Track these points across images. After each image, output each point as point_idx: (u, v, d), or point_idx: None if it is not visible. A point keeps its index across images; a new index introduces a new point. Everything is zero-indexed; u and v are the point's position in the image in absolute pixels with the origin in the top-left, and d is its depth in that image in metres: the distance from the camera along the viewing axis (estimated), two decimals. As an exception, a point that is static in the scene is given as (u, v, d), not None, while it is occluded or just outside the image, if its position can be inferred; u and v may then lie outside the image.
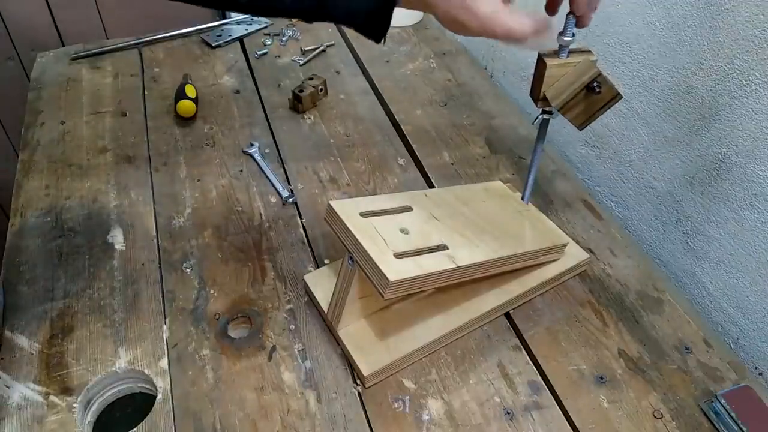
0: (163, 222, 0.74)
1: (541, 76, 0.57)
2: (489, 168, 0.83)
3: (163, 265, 0.69)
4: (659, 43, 0.69)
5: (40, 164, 0.82)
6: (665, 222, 0.75)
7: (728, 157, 0.63)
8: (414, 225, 0.58)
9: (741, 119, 0.61)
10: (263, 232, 0.73)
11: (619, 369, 0.60)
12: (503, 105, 0.94)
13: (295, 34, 1.08)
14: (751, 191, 0.62)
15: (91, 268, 0.69)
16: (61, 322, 0.63)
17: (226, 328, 0.63)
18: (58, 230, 0.73)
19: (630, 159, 0.78)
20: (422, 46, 1.07)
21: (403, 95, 0.95)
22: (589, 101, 0.57)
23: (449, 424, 0.55)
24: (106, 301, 0.65)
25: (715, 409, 0.56)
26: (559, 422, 0.56)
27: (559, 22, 0.55)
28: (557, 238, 0.67)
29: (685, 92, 0.67)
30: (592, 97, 0.57)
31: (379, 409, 0.56)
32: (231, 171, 0.81)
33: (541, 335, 0.63)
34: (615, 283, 0.68)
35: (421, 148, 0.86)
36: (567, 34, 0.55)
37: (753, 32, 0.57)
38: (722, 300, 0.69)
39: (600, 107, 0.57)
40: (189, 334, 0.62)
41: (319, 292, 0.64)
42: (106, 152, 0.84)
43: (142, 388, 0.61)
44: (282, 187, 0.78)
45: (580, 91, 0.56)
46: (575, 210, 0.77)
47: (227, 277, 0.68)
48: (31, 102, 0.94)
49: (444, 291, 0.63)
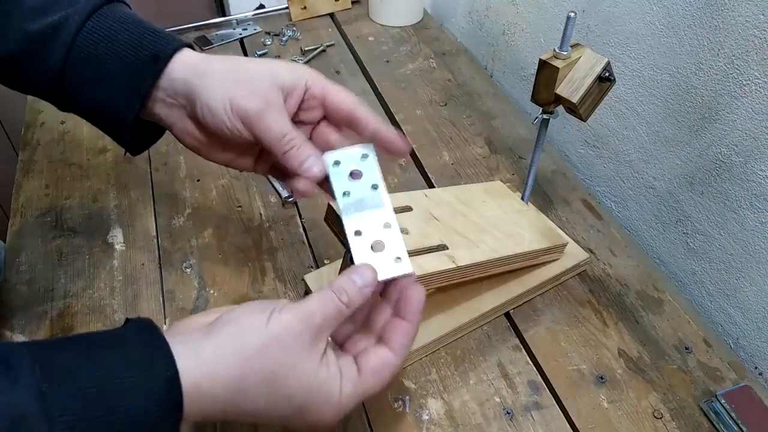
0: (163, 222, 0.74)
1: (552, 80, 0.57)
2: (489, 168, 0.83)
3: (163, 265, 0.69)
4: (659, 43, 0.69)
5: (40, 164, 0.82)
6: (665, 222, 0.75)
7: (728, 157, 0.63)
8: (414, 225, 0.58)
9: (741, 119, 0.61)
10: (263, 232, 0.73)
11: (619, 369, 0.60)
12: (503, 105, 0.94)
13: (295, 34, 1.08)
14: (751, 191, 0.62)
15: (91, 268, 0.69)
16: (61, 322, 0.63)
17: (226, 328, 0.63)
18: (58, 230, 0.73)
19: (630, 159, 0.78)
20: (422, 46, 1.07)
21: (403, 95, 0.95)
22: (599, 90, 0.58)
23: (449, 424, 0.55)
24: (106, 301, 0.65)
25: (715, 409, 0.56)
26: (559, 422, 0.56)
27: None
28: (557, 238, 0.67)
29: (685, 92, 0.67)
30: (601, 85, 0.57)
31: (379, 408, 0.56)
32: (231, 171, 0.81)
33: (541, 335, 0.63)
34: (615, 283, 0.68)
35: (421, 148, 0.86)
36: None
37: (753, 32, 0.57)
38: (722, 300, 0.69)
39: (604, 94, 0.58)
40: (189, 334, 0.62)
41: (319, 292, 0.64)
42: (106, 152, 0.84)
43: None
44: (282, 187, 0.78)
45: (594, 82, 0.56)
46: (575, 210, 0.77)
47: (227, 277, 0.68)
48: (31, 102, 0.94)
49: (444, 291, 0.63)
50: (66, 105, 0.51)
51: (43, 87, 0.49)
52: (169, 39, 0.48)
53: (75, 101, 0.50)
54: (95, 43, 0.47)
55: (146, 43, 0.47)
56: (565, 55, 0.56)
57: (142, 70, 0.47)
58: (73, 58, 0.47)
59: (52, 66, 0.47)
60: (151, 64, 0.47)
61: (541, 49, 0.90)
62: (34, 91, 0.50)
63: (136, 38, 0.48)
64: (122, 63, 0.47)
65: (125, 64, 0.47)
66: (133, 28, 0.48)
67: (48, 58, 0.47)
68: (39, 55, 0.47)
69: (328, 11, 1.15)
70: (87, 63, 0.47)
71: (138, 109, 0.49)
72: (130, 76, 0.48)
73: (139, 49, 0.47)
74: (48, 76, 0.48)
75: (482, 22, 1.06)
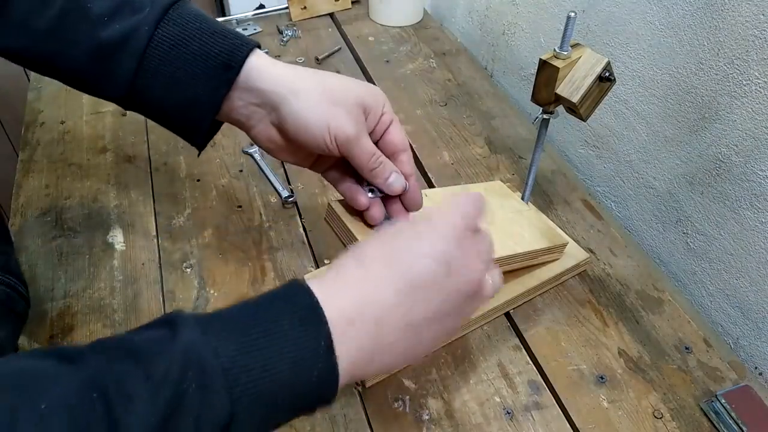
0: (163, 222, 0.74)
1: (552, 80, 0.57)
2: (489, 168, 0.83)
3: (163, 265, 0.69)
4: (659, 43, 0.69)
5: (40, 164, 0.82)
6: (665, 222, 0.75)
7: (728, 157, 0.63)
8: (414, 225, 0.58)
9: (741, 119, 0.61)
10: (263, 232, 0.73)
11: (619, 369, 0.60)
12: (503, 105, 0.94)
13: (296, 33, 1.08)
14: (751, 191, 0.62)
15: (91, 268, 0.69)
16: (61, 322, 0.63)
17: (226, 328, 0.63)
18: (58, 230, 0.73)
19: (630, 159, 0.78)
20: (422, 46, 1.07)
21: (403, 95, 0.95)
22: (599, 90, 0.58)
23: (449, 424, 0.55)
24: (106, 301, 0.65)
25: (715, 408, 0.56)
26: (559, 422, 0.56)
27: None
28: (557, 238, 0.67)
29: (685, 92, 0.67)
30: (602, 85, 0.57)
31: (379, 408, 0.56)
32: (231, 171, 0.81)
33: (541, 335, 0.63)
34: (615, 282, 0.68)
35: (421, 148, 0.86)
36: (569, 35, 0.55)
37: (753, 32, 0.57)
38: (722, 300, 0.69)
39: (604, 93, 0.58)
40: (189, 334, 0.62)
41: (319, 292, 0.64)
42: (106, 152, 0.84)
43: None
44: (282, 187, 0.78)
45: (594, 82, 0.56)
46: (575, 210, 0.77)
47: (227, 277, 0.68)
48: (31, 102, 0.94)
49: (444, 291, 0.63)
50: (135, 108, 0.52)
51: (113, 93, 0.50)
52: (237, 43, 0.49)
53: (146, 107, 0.51)
54: (166, 52, 0.48)
55: (216, 50, 0.48)
56: (565, 55, 0.56)
57: (214, 79, 0.48)
58: (145, 67, 0.48)
59: (123, 75, 0.48)
60: (222, 72, 0.48)
61: (541, 49, 0.90)
62: (103, 97, 0.51)
63: (206, 45, 0.48)
64: (194, 71, 0.48)
65: (197, 72, 0.48)
66: (201, 32, 0.48)
67: (119, 67, 0.48)
68: (110, 65, 0.48)
69: (328, 11, 1.15)
70: (158, 71, 0.48)
71: (212, 118, 0.50)
72: (203, 84, 0.48)
73: (209, 57, 0.48)
74: (119, 84, 0.48)
75: (482, 22, 1.06)
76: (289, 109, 0.49)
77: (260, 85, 0.49)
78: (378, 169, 0.51)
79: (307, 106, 0.48)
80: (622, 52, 0.74)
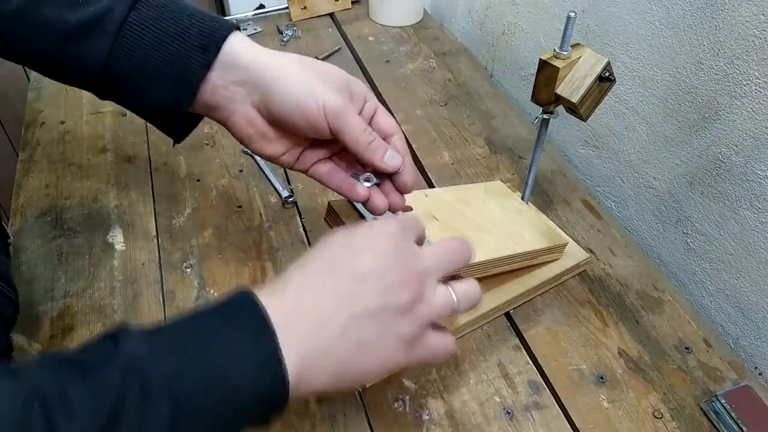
0: (163, 222, 0.74)
1: (552, 80, 0.57)
2: (489, 168, 0.83)
3: (163, 265, 0.69)
4: (659, 43, 0.69)
5: (40, 164, 0.82)
6: (665, 222, 0.75)
7: (728, 157, 0.63)
8: (414, 225, 0.58)
9: (741, 119, 0.61)
10: (263, 232, 0.73)
11: (619, 369, 0.60)
12: (503, 105, 0.94)
13: (296, 33, 1.08)
14: (751, 191, 0.62)
15: (91, 268, 0.69)
16: (61, 322, 0.63)
17: (226, 328, 0.63)
18: (58, 230, 0.73)
19: (630, 159, 0.78)
20: (422, 46, 1.07)
21: (403, 95, 0.95)
22: (599, 90, 0.58)
23: (449, 424, 0.55)
24: (106, 301, 0.65)
25: (715, 408, 0.56)
26: (559, 422, 0.56)
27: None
28: (557, 238, 0.67)
29: (685, 92, 0.67)
30: (602, 85, 0.57)
31: (379, 408, 0.56)
32: (231, 171, 0.81)
33: (541, 335, 0.63)
34: (615, 282, 0.68)
35: (421, 148, 0.86)
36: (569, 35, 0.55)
37: (753, 32, 0.57)
38: (722, 300, 0.69)
39: (604, 93, 0.58)
40: (189, 334, 0.62)
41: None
42: (106, 152, 0.84)
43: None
44: (282, 187, 0.78)
45: (594, 82, 0.56)
46: (575, 210, 0.77)
47: (227, 277, 0.68)
48: (31, 102, 0.94)
49: (444, 291, 0.63)
50: (110, 96, 0.49)
51: (86, 79, 0.48)
52: (215, 24, 0.47)
53: (119, 93, 0.49)
54: (141, 34, 0.46)
55: (193, 31, 0.46)
56: (565, 55, 0.56)
57: (190, 62, 0.46)
58: (118, 50, 0.46)
59: (96, 58, 0.46)
60: (200, 53, 0.46)
61: (541, 49, 0.90)
62: (77, 84, 0.49)
63: (182, 27, 0.46)
64: (170, 54, 0.46)
65: (173, 55, 0.46)
66: (178, 14, 0.46)
67: (91, 51, 0.46)
68: (83, 48, 0.46)
69: (328, 11, 1.15)
70: (132, 55, 0.46)
71: (190, 102, 0.48)
72: (179, 67, 0.46)
73: (186, 39, 0.46)
74: (93, 68, 0.46)
75: (482, 22, 1.06)
76: (274, 82, 0.46)
77: (242, 62, 0.47)
78: (375, 143, 0.48)
79: (293, 80, 0.46)
80: (622, 52, 0.74)
